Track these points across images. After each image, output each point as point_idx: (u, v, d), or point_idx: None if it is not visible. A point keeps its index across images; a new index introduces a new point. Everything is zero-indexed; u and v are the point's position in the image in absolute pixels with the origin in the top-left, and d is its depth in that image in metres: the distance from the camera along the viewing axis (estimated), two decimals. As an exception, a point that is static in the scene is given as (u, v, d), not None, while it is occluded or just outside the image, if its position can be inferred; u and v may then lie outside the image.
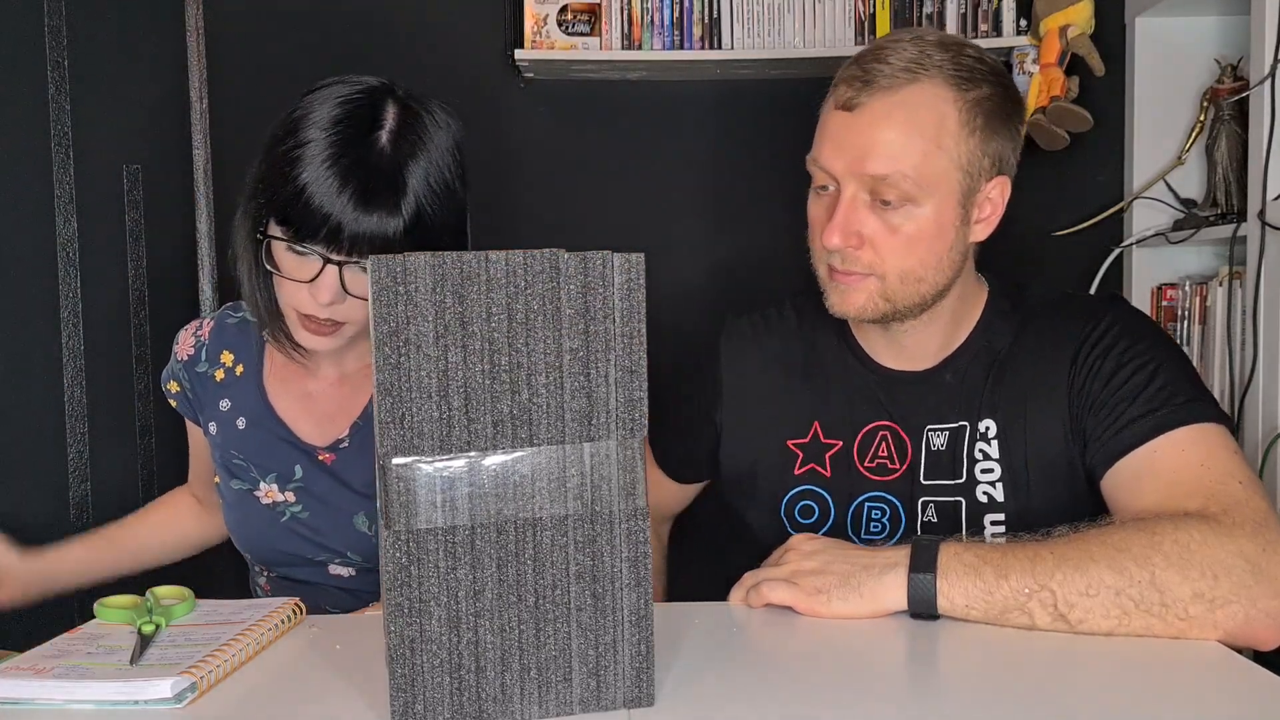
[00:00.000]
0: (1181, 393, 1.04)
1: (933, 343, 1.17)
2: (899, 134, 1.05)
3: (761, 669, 0.84)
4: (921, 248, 1.08)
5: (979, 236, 1.13)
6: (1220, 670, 0.82)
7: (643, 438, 0.73)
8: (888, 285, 1.09)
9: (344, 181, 1.05)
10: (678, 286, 2.25)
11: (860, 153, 1.06)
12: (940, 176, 1.07)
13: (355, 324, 1.13)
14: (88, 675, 0.78)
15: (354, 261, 1.08)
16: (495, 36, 2.27)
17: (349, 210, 1.05)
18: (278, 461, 1.24)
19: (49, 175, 2.14)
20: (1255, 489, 0.96)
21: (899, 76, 1.06)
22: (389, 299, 0.68)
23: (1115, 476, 1.04)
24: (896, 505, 1.17)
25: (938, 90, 1.06)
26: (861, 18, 2.19)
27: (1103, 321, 1.12)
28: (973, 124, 1.07)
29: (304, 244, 1.07)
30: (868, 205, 1.08)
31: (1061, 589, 0.87)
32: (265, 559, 1.27)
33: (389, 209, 1.07)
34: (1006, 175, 1.13)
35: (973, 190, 1.10)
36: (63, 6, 2.12)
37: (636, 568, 0.74)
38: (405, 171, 1.08)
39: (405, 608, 0.69)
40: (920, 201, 1.06)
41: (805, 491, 1.21)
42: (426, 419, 0.69)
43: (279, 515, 1.24)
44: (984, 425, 1.14)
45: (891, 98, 1.06)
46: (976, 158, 1.08)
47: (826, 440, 1.20)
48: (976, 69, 1.08)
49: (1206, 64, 2.14)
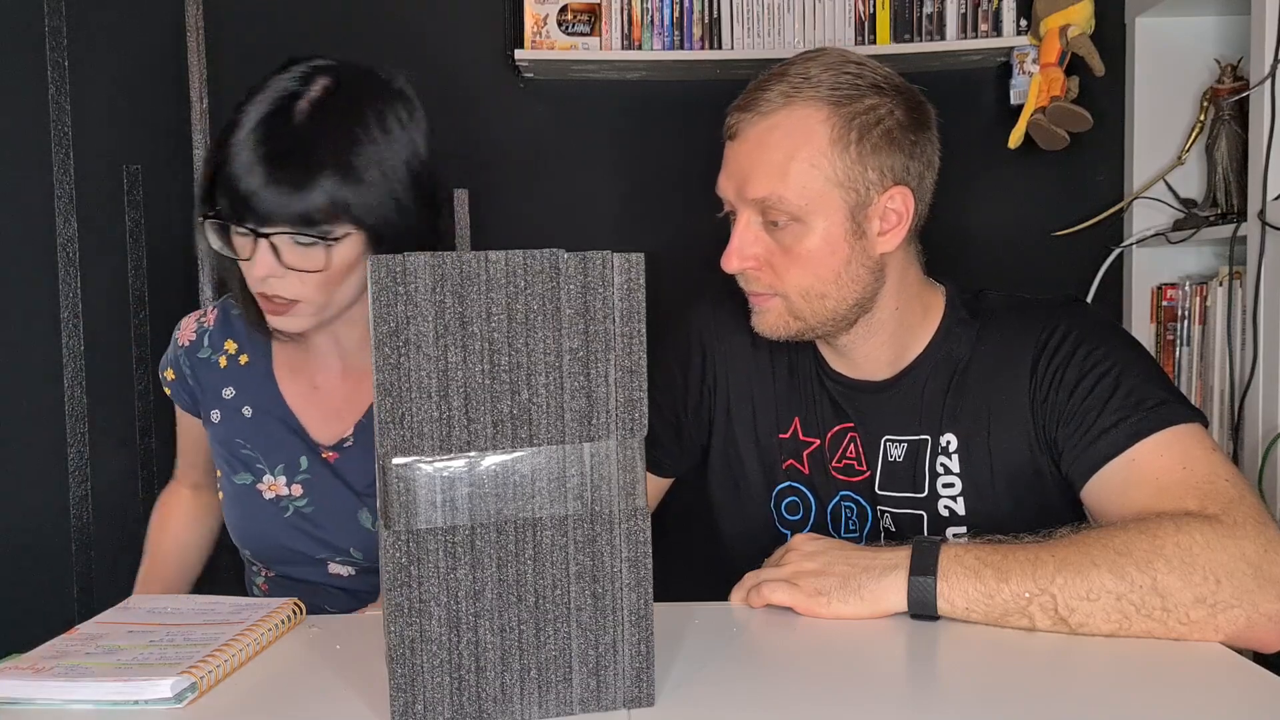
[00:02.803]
0: (1150, 396, 1.03)
1: (883, 355, 1.16)
2: (772, 157, 1.07)
3: (761, 669, 0.84)
4: (816, 264, 1.08)
5: (888, 247, 1.10)
6: (1221, 671, 0.82)
7: (643, 437, 0.73)
8: (792, 304, 1.10)
9: (254, 151, 1.06)
10: (678, 287, 2.25)
11: (741, 178, 1.09)
12: (819, 195, 1.06)
13: (309, 301, 1.11)
14: (87, 675, 0.78)
15: (282, 233, 1.06)
16: (495, 36, 2.26)
17: (258, 179, 1.05)
18: (285, 453, 1.24)
19: (49, 175, 2.14)
20: (1244, 485, 0.96)
21: (775, 101, 1.07)
22: (388, 299, 0.68)
23: (1096, 488, 1.04)
24: (865, 507, 1.18)
25: (810, 111, 1.06)
26: (861, 18, 2.19)
27: (1059, 329, 1.10)
28: (846, 139, 1.06)
29: (229, 221, 1.08)
30: (760, 226, 1.09)
31: (1062, 593, 0.87)
32: (265, 556, 1.27)
33: (298, 180, 1.05)
34: (907, 185, 1.09)
35: (862, 204, 1.08)
36: (63, 6, 2.12)
37: (636, 568, 0.74)
38: (322, 144, 1.07)
39: (405, 608, 0.69)
40: (805, 220, 1.07)
41: (791, 488, 1.21)
42: (426, 419, 0.69)
43: (282, 510, 1.23)
44: (945, 439, 1.14)
45: (765, 121, 1.07)
46: (857, 172, 1.07)
47: (805, 438, 1.21)
48: (857, 84, 1.07)
49: (1206, 64, 2.14)
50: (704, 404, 1.27)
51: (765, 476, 1.23)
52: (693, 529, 1.47)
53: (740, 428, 1.24)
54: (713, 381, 1.27)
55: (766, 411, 1.23)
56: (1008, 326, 1.14)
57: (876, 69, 1.10)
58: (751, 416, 1.24)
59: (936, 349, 1.16)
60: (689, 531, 1.48)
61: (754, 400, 1.24)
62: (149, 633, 0.88)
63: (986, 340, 1.14)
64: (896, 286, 1.13)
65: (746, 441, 1.24)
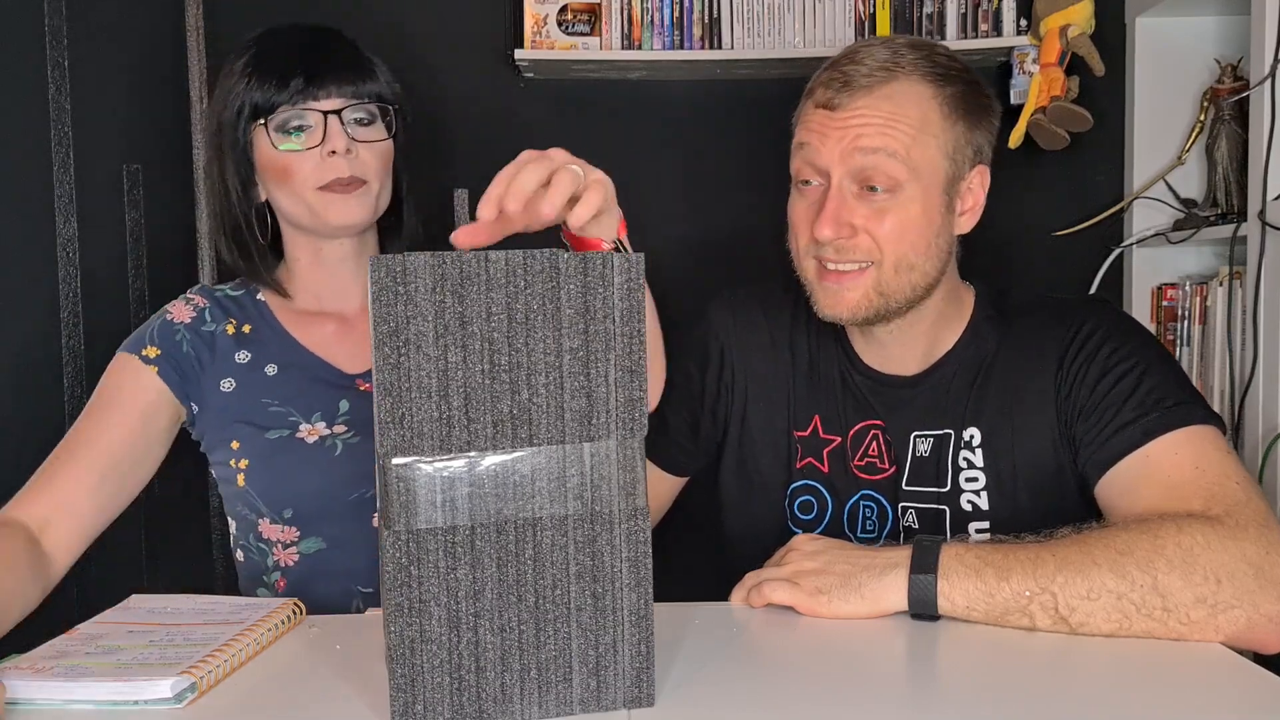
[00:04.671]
0: (1170, 396, 1.04)
1: (917, 347, 1.17)
2: (885, 120, 1.07)
3: (762, 669, 0.84)
4: (913, 233, 1.08)
5: (964, 228, 1.14)
6: (1221, 671, 0.82)
7: (643, 437, 0.73)
8: (883, 275, 1.09)
9: (290, 38, 1.23)
10: (677, 285, 2.25)
11: (849, 143, 1.07)
12: (927, 161, 1.08)
13: (374, 180, 1.21)
14: (87, 675, 0.78)
15: (353, 104, 1.19)
16: (495, 36, 2.26)
17: (310, 56, 1.20)
18: (319, 400, 1.24)
19: (49, 175, 2.14)
20: (1253, 489, 0.96)
21: (876, 75, 1.08)
22: (389, 299, 0.68)
23: (1109, 483, 1.04)
24: (885, 506, 1.17)
25: (917, 86, 1.08)
26: (861, 18, 2.19)
27: (1086, 325, 1.11)
28: (955, 113, 1.09)
29: (293, 108, 1.18)
30: (856, 195, 1.08)
31: (1063, 592, 0.87)
32: (309, 509, 1.22)
33: (360, 62, 1.22)
34: (984, 164, 1.14)
35: (957, 177, 1.11)
36: (63, 6, 2.12)
37: (636, 568, 0.74)
38: (358, 47, 1.25)
39: (405, 608, 0.69)
40: (908, 186, 1.07)
41: (805, 486, 1.21)
42: (426, 419, 0.69)
43: (330, 451, 1.22)
44: (968, 433, 1.14)
45: (872, 94, 1.08)
46: (961, 145, 1.10)
47: (825, 436, 1.20)
48: (951, 66, 1.11)
49: (1206, 64, 2.14)
50: (721, 402, 1.27)
51: (780, 475, 1.22)
52: (695, 529, 1.47)
53: (757, 426, 1.24)
54: (730, 380, 1.26)
55: (785, 410, 1.23)
56: (1035, 323, 1.15)
57: (955, 55, 1.13)
58: (769, 415, 1.23)
59: (965, 346, 1.17)
60: (690, 532, 1.48)
61: (772, 398, 1.23)
62: (149, 633, 0.88)
63: (1013, 336, 1.15)
64: (947, 277, 1.15)
65: (763, 440, 1.23)
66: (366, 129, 1.21)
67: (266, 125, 1.19)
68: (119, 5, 2.17)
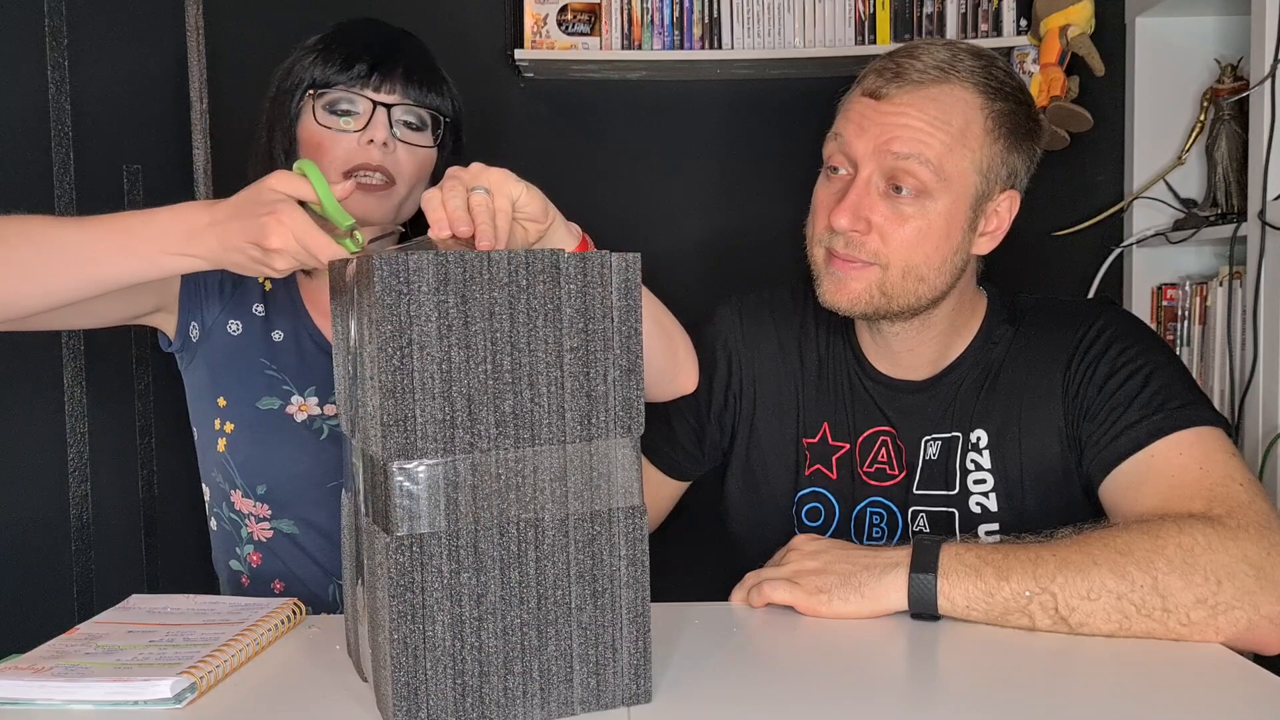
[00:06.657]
0: (1177, 397, 1.04)
1: (928, 353, 1.17)
2: (926, 122, 1.06)
3: (761, 667, 0.84)
4: (929, 244, 1.07)
5: (982, 249, 1.13)
6: (1221, 672, 0.82)
7: (639, 436, 0.73)
8: (888, 278, 1.08)
9: (368, 29, 1.23)
10: (678, 287, 2.25)
11: (886, 136, 1.06)
12: (959, 173, 1.07)
13: (405, 182, 1.21)
14: (87, 675, 0.78)
15: (406, 104, 1.19)
16: (495, 36, 2.26)
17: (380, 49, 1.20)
18: (317, 374, 1.24)
19: (49, 175, 2.14)
20: (1256, 491, 0.96)
21: (930, 73, 1.07)
22: (392, 298, 0.67)
23: (1113, 483, 1.04)
24: (895, 512, 1.17)
25: (966, 94, 1.07)
26: (861, 18, 2.19)
27: (1094, 326, 1.11)
28: (997, 132, 1.08)
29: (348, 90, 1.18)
30: (881, 192, 1.07)
31: (1063, 592, 0.87)
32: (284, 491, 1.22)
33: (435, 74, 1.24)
34: (1017, 190, 1.13)
35: (986, 196, 1.09)
36: (63, 7, 2.12)
37: (634, 565, 0.74)
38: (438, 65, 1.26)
39: (409, 615, 0.69)
40: (935, 195, 1.06)
41: (814, 493, 1.20)
42: (430, 419, 0.68)
43: (317, 433, 1.22)
44: (975, 435, 1.14)
45: (921, 91, 1.06)
46: (995, 165, 1.09)
47: (834, 442, 1.20)
48: (1006, 83, 1.09)
49: (1206, 64, 2.14)
50: (728, 410, 1.26)
51: (789, 483, 1.22)
52: (695, 529, 1.47)
53: (766, 434, 1.23)
54: (739, 388, 1.25)
55: (794, 417, 1.22)
56: (1044, 325, 1.15)
57: (1014, 73, 1.12)
58: (778, 422, 1.23)
59: (976, 351, 1.17)
60: (691, 532, 1.48)
61: (782, 406, 1.23)
62: (148, 633, 0.88)
63: (1022, 339, 1.15)
64: (961, 288, 1.14)
65: (772, 448, 1.23)
66: (414, 133, 1.21)
67: (316, 100, 1.19)
68: (119, 5, 2.17)
